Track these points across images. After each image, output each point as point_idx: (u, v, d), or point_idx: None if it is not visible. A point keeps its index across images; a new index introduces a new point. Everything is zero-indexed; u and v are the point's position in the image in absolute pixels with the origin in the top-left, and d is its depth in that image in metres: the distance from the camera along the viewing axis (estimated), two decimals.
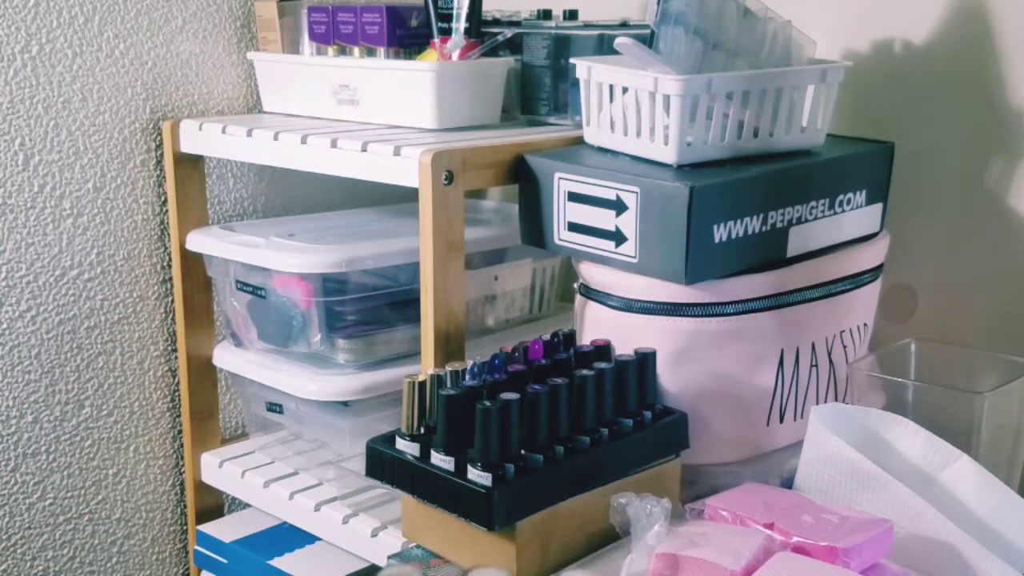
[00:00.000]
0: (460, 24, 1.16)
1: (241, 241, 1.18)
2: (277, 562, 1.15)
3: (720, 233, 0.92)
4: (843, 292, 1.02)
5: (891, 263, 1.09)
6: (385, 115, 1.18)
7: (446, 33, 1.17)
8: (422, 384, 0.88)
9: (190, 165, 1.28)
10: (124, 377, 1.30)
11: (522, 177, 1.03)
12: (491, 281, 1.22)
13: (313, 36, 1.26)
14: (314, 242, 1.15)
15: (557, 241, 1.01)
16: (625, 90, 0.99)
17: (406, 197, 1.06)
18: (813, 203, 1.00)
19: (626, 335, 0.95)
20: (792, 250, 0.99)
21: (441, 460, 0.84)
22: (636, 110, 0.98)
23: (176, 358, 1.33)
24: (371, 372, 1.11)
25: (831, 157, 1.04)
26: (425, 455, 0.86)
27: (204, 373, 1.31)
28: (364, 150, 1.05)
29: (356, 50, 1.23)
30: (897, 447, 0.89)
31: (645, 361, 0.92)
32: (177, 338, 1.31)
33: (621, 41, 0.94)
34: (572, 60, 1.07)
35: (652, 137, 0.98)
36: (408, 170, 1.00)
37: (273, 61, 1.31)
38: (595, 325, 0.99)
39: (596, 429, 0.88)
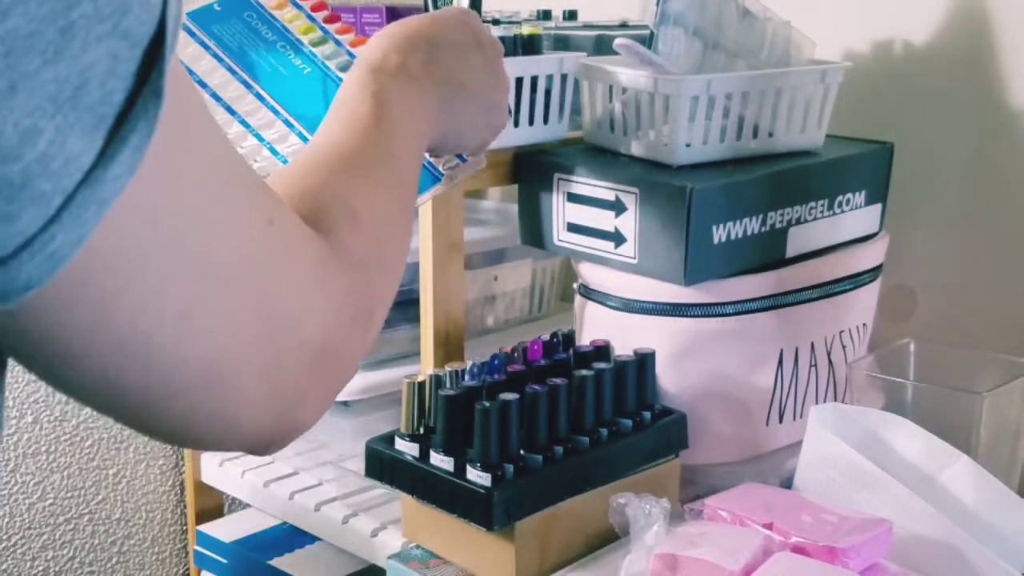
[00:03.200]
0: None
1: None
2: (277, 562, 1.14)
3: (719, 234, 0.92)
4: (842, 292, 1.02)
5: (890, 263, 1.09)
6: None
7: None
8: (421, 384, 0.88)
9: None
10: None
11: (522, 177, 1.03)
12: (491, 281, 1.22)
13: None
14: None
15: (556, 241, 1.01)
16: (625, 91, 0.99)
17: None
18: (812, 204, 1.00)
19: (625, 335, 0.95)
20: (791, 250, 0.99)
21: (440, 460, 0.84)
22: (636, 111, 0.98)
23: None
24: (371, 372, 1.11)
25: (830, 158, 1.04)
26: (424, 455, 0.86)
27: None
28: None
29: None
30: (896, 447, 0.89)
31: (644, 361, 0.92)
32: None
33: (621, 42, 0.94)
34: None
35: (651, 138, 0.98)
36: None
37: None
38: (595, 325, 0.99)
39: (595, 429, 0.88)
